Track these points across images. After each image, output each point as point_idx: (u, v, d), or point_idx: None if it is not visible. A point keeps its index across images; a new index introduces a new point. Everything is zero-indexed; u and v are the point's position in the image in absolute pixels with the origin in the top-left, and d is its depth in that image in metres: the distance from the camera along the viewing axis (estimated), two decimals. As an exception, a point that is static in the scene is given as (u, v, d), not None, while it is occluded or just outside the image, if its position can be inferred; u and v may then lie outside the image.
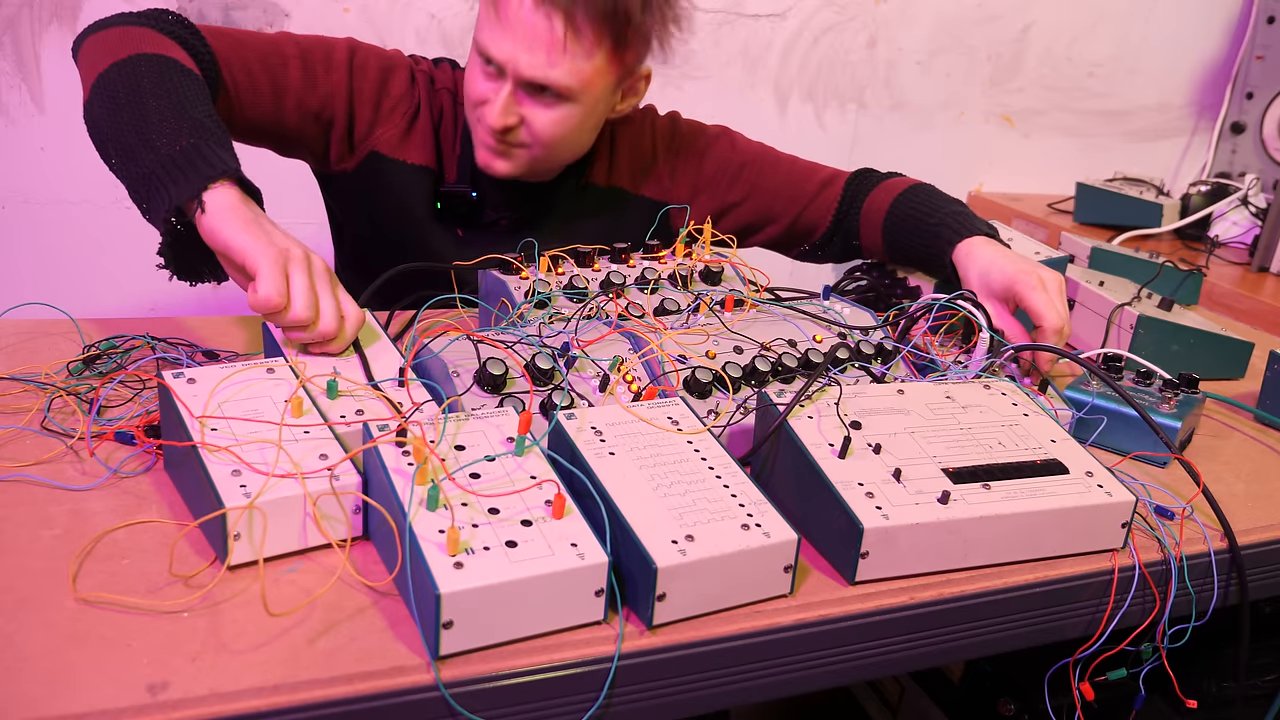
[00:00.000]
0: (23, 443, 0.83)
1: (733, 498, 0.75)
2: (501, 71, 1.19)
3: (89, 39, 1.08)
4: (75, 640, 0.62)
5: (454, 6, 1.87)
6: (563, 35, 1.15)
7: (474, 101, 1.23)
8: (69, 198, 1.77)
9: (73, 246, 1.80)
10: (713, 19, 2.07)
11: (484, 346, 0.90)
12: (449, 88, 1.33)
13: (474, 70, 1.22)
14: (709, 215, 1.38)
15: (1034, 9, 2.34)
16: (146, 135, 0.94)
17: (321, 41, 1.26)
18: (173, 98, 0.98)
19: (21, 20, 1.66)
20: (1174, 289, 1.56)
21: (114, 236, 1.81)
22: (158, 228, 0.93)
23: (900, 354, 1.05)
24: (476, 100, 1.23)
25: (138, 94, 0.97)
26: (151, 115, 0.95)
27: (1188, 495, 0.93)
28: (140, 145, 0.94)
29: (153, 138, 0.93)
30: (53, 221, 1.78)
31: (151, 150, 0.93)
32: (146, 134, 0.94)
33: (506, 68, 1.18)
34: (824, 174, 1.41)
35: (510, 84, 1.19)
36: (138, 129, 0.95)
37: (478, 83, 1.22)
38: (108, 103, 0.98)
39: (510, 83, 1.19)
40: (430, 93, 1.32)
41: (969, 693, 1.35)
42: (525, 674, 0.65)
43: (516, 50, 1.16)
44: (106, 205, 1.79)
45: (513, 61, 1.17)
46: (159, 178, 0.91)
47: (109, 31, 1.08)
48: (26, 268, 1.79)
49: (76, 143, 1.75)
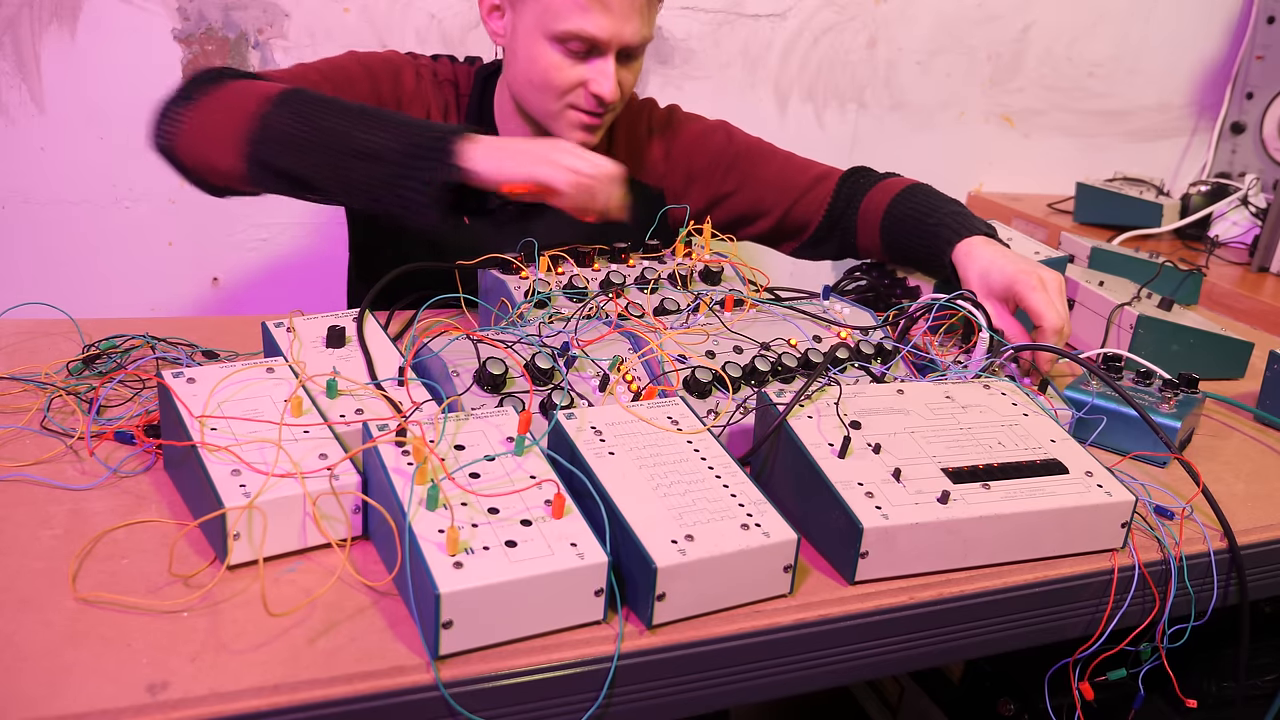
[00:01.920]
0: (22, 442, 0.83)
1: (732, 498, 0.75)
2: (595, 49, 1.23)
3: (196, 106, 1.11)
4: (75, 640, 0.62)
5: (454, 6, 1.87)
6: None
7: (566, 88, 1.25)
8: (69, 198, 1.77)
9: (72, 246, 1.80)
10: (713, 19, 2.07)
11: (484, 346, 0.90)
12: (451, 80, 1.36)
13: (553, 59, 1.24)
14: (702, 205, 1.42)
15: (1034, 9, 2.34)
16: (361, 148, 1.03)
17: (330, 63, 1.29)
18: (351, 108, 1.08)
19: (21, 20, 1.66)
20: (1174, 289, 1.56)
21: (114, 237, 1.81)
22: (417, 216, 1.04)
23: (900, 354, 1.05)
24: (569, 86, 1.25)
25: (321, 119, 1.05)
26: (352, 129, 1.04)
27: (1187, 495, 0.93)
28: (360, 158, 1.03)
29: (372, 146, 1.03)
30: (52, 221, 1.78)
31: (378, 157, 1.03)
32: (359, 147, 1.03)
33: (612, 42, 1.22)
34: (818, 170, 1.42)
35: (613, 56, 1.23)
36: (347, 147, 1.04)
37: (565, 70, 1.24)
38: (297, 137, 1.05)
39: (613, 55, 1.23)
40: (435, 86, 1.35)
41: (969, 693, 1.35)
42: (525, 674, 0.65)
43: (619, 23, 1.21)
44: (106, 205, 1.79)
45: (617, 34, 1.22)
46: (401, 167, 1.02)
47: (218, 91, 1.12)
48: (26, 268, 1.79)
49: (76, 143, 1.76)
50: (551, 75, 1.24)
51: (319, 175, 1.06)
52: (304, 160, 1.06)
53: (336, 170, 1.05)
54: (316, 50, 1.78)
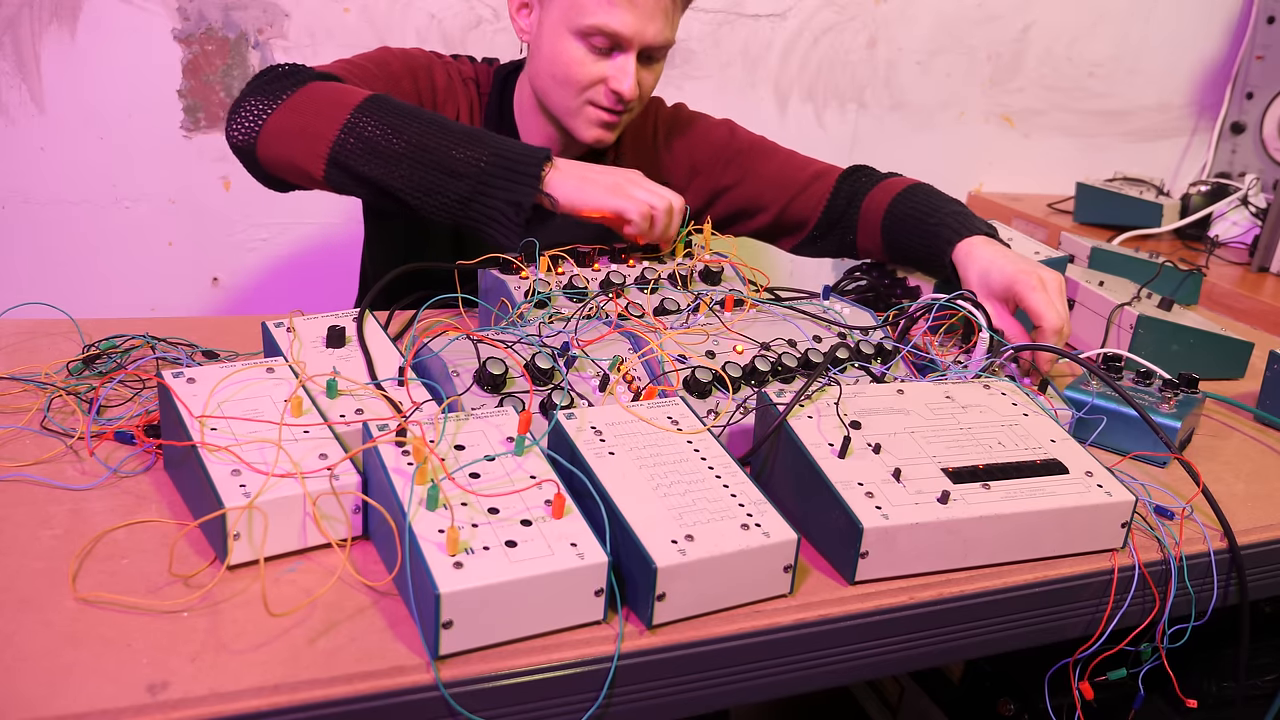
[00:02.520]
0: (22, 442, 0.83)
1: (732, 498, 0.75)
2: (617, 45, 1.24)
3: (281, 104, 1.12)
4: (75, 640, 0.62)
5: (454, 6, 1.87)
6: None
7: (586, 83, 1.27)
8: (69, 198, 1.77)
9: (72, 246, 1.80)
10: (713, 19, 2.07)
11: (484, 346, 0.90)
12: (473, 78, 1.39)
13: (576, 54, 1.25)
14: (702, 198, 1.44)
15: (1034, 9, 2.34)
16: (451, 164, 1.07)
17: (375, 60, 1.31)
18: (438, 121, 1.10)
19: (21, 20, 1.66)
20: (1174, 289, 1.56)
21: (114, 237, 1.81)
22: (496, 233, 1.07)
23: (900, 354, 1.05)
24: (590, 81, 1.26)
25: (411, 130, 1.08)
26: (442, 143, 1.07)
27: (1187, 495, 0.93)
28: (449, 173, 1.07)
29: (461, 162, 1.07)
30: (52, 221, 1.78)
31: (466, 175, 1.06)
32: (449, 162, 1.07)
33: (634, 40, 1.23)
34: (818, 167, 1.43)
35: (634, 54, 1.24)
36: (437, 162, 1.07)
37: (586, 65, 1.25)
38: (386, 146, 1.08)
39: (634, 53, 1.24)
40: (462, 84, 1.37)
41: (969, 693, 1.35)
42: (525, 674, 0.65)
43: (642, 21, 1.22)
44: (106, 205, 1.79)
45: (640, 33, 1.23)
46: (489, 186, 1.06)
47: (304, 91, 1.12)
48: (26, 268, 1.79)
49: (76, 143, 1.76)
50: (573, 70, 1.25)
51: (403, 185, 1.08)
52: (390, 170, 1.08)
53: (422, 182, 1.07)
54: (316, 50, 1.79)
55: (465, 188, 1.07)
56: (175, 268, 1.88)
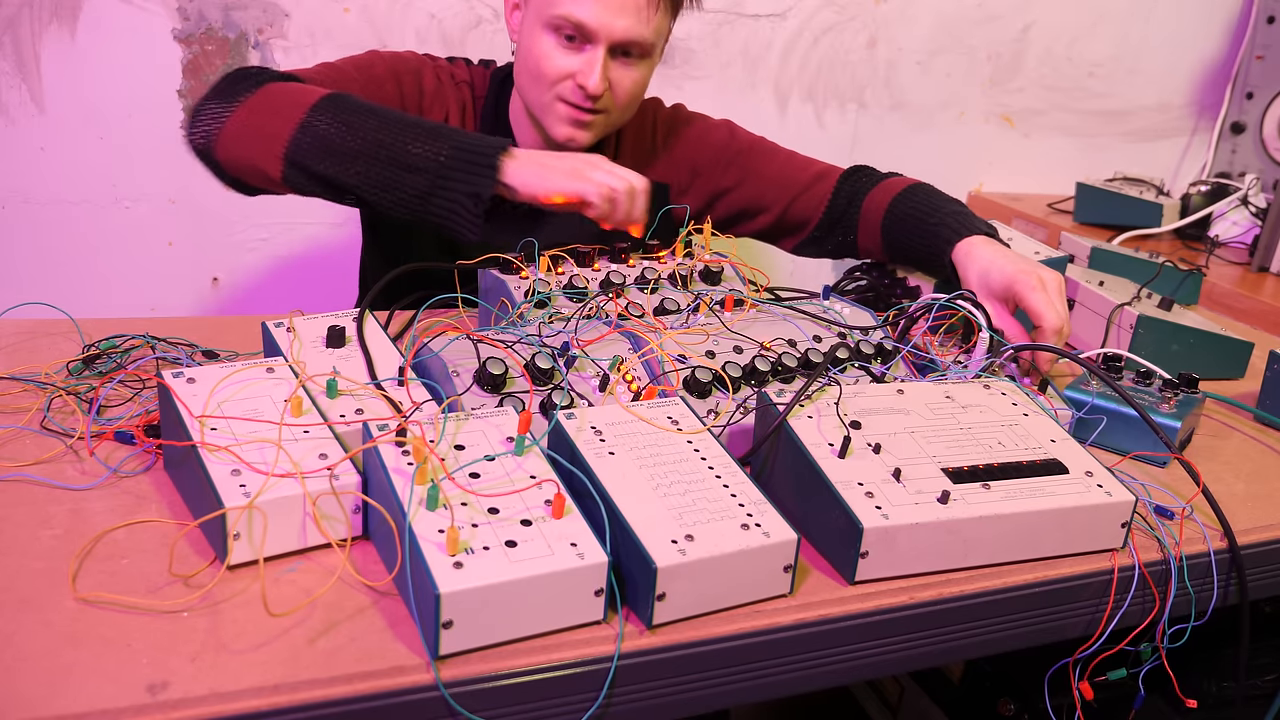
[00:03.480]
0: (22, 442, 0.83)
1: (732, 497, 0.75)
2: (586, 39, 1.23)
3: (236, 107, 1.12)
4: (75, 640, 0.62)
5: (454, 6, 1.87)
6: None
7: (555, 78, 1.25)
8: (69, 198, 1.77)
9: (72, 246, 1.80)
10: (713, 19, 2.07)
11: (484, 346, 0.90)
12: (467, 81, 1.38)
13: (546, 48, 1.24)
14: (703, 199, 1.43)
15: (1034, 9, 2.34)
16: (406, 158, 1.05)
17: (357, 63, 1.30)
18: (394, 116, 1.09)
19: (21, 20, 1.66)
20: (1174, 289, 1.56)
21: (114, 237, 1.81)
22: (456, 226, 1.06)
23: (900, 354, 1.05)
24: (558, 75, 1.25)
25: (365, 127, 1.07)
26: (397, 139, 1.06)
27: (1187, 495, 0.93)
28: (404, 168, 1.06)
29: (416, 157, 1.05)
30: (52, 221, 1.78)
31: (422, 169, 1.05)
32: (404, 157, 1.06)
33: (600, 32, 1.21)
34: (819, 168, 1.43)
35: (603, 49, 1.23)
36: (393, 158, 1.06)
37: (555, 58, 1.24)
38: (340, 144, 1.07)
39: (603, 48, 1.23)
40: (453, 87, 1.36)
41: (969, 693, 1.35)
42: (525, 674, 0.65)
43: (610, 13, 1.21)
44: (106, 205, 1.79)
45: (607, 26, 1.21)
46: (447, 179, 1.05)
47: (260, 93, 1.12)
48: (26, 268, 1.79)
49: (76, 143, 1.76)
50: (543, 64, 1.25)
51: (359, 182, 1.07)
52: (346, 167, 1.07)
53: (379, 179, 1.06)
54: (316, 50, 1.79)
55: (423, 182, 1.06)
56: (175, 268, 1.88)
